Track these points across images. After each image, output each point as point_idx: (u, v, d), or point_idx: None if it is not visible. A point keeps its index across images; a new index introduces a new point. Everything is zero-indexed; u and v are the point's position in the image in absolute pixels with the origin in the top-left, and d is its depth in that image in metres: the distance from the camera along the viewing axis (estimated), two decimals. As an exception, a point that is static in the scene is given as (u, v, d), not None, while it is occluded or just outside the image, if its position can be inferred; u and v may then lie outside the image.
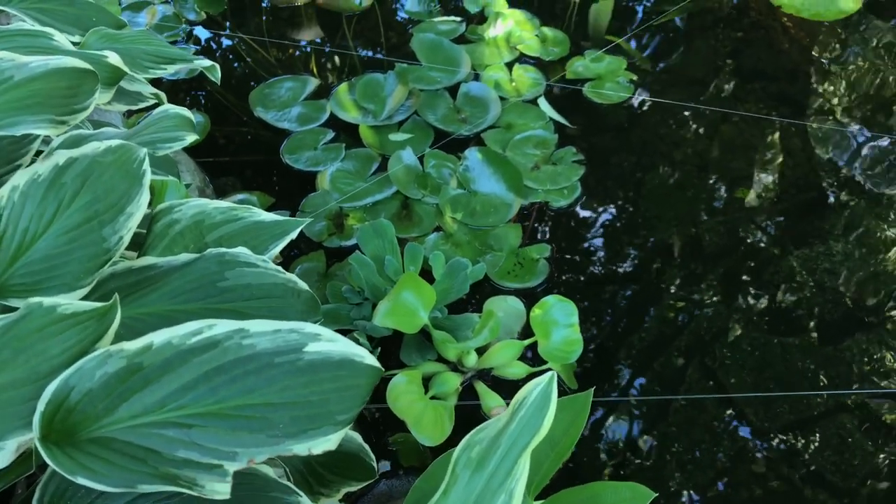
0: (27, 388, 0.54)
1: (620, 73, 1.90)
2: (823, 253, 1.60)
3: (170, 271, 0.75)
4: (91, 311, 0.57)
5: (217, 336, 0.56)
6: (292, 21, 2.08)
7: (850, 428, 1.36)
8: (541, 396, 0.52)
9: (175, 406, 0.54)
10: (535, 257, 1.54)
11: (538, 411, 0.51)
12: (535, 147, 1.73)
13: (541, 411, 0.51)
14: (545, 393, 0.52)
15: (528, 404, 0.52)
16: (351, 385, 0.57)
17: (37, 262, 0.67)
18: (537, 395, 0.52)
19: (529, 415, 0.51)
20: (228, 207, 0.85)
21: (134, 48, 1.07)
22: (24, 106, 0.68)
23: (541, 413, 0.50)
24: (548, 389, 0.53)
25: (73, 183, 0.69)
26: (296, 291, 0.79)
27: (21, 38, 0.89)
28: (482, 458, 0.51)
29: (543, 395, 0.52)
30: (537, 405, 0.51)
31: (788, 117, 1.86)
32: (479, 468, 0.51)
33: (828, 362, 1.44)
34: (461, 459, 0.52)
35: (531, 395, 0.53)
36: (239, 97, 1.86)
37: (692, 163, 1.78)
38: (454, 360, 1.35)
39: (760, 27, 2.11)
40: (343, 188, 1.63)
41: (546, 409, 0.51)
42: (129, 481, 0.50)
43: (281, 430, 0.54)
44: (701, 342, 1.46)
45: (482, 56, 1.93)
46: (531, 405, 0.52)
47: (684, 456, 1.33)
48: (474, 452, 0.52)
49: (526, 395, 0.54)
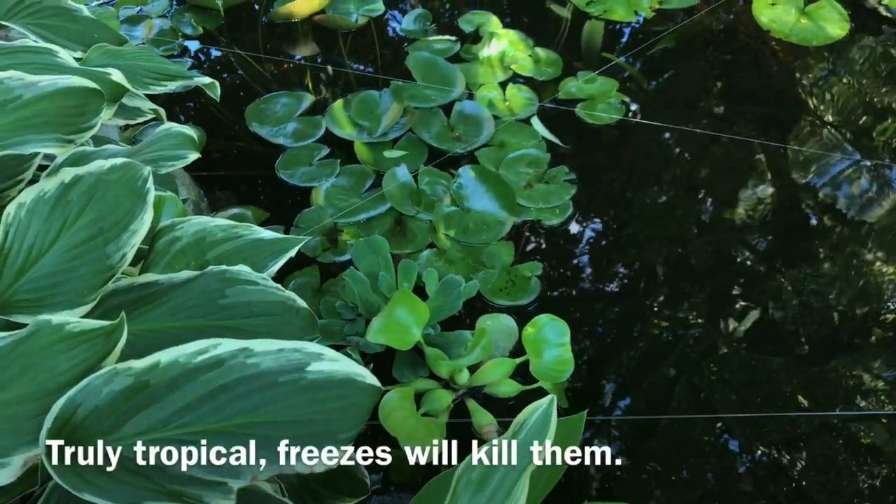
0: (34, 405, 0.55)
1: (612, 94, 1.93)
2: (810, 274, 1.62)
3: (171, 288, 0.76)
4: (98, 329, 0.58)
5: (222, 355, 0.57)
6: (288, 37, 2.10)
7: (836, 448, 1.38)
8: (541, 419, 0.53)
9: (181, 423, 0.55)
10: (528, 275, 1.56)
11: (538, 433, 0.52)
12: (527, 166, 1.75)
13: (540, 433, 0.52)
14: (545, 416, 0.53)
15: (529, 426, 0.53)
16: (353, 404, 0.58)
17: (41, 279, 0.68)
18: (537, 417, 0.53)
19: (530, 437, 0.52)
20: (229, 225, 0.86)
21: (135, 65, 1.09)
22: (33, 125, 0.69)
23: (540, 435, 0.52)
24: (548, 412, 0.54)
25: (78, 200, 0.70)
26: (294, 309, 0.80)
27: (26, 55, 0.90)
28: (483, 479, 0.52)
29: (544, 417, 0.53)
30: (537, 427, 0.52)
31: (776, 139, 1.89)
32: (480, 489, 0.52)
33: (813, 383, 1.46)
34: (462, 480, 0.53)
35: (532, 418, 0.54)
36: (234, 112, 1.87)
37: (681, 183, 1.80)
38: (446, 377, 1.36)
39: (750, 50, 2.14)
40: (337, 204, 1.65)
41: (546, 431, 0.52)
42: (135, 498, 0.51)
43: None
44: (689, 361, 1.48)
45: (476, 75, 1.95)
46: (531, 427, 0.53)
47: (671, 474, 1.34)
48: (475, 473, 0.53)
49: (526, 418, 0.55)
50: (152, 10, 2.10)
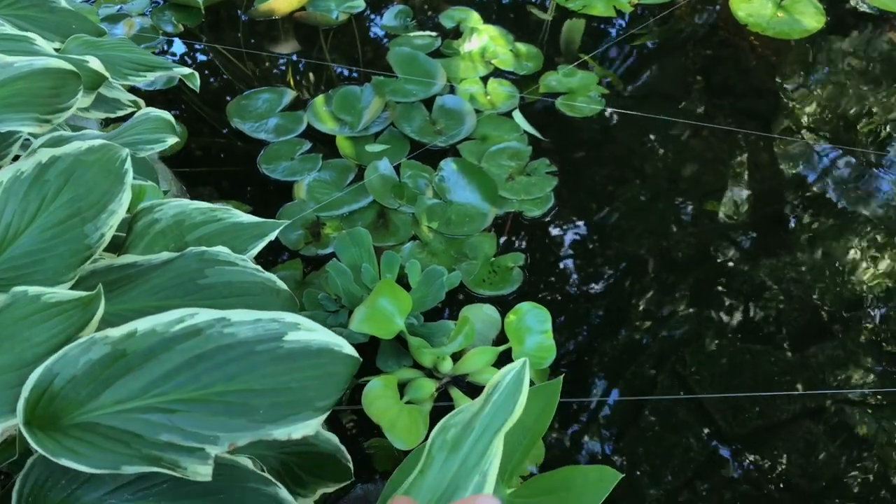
0: (11, 375, 0.55)
1: (592, 87, 1.94)
2: (790, 263, 1.64)
3: (150, 269, 0.76)
4: (76, 299, 0.58)
5: (199, 324, 0.57)
6: (269, 34, 2.10)
7: (816, 432, 1.40)
8: (514, 381, 0.53)
9: (158, 392, 0.55)
10: (510, 266, 1.57)
11: (511, 396, 0.52)
12: (509, 158, 1.76)
13: (513, 396, 0.52)
14: (518, 378, 0.54)
15: (502, 389, 0.54)
16: (330, 373, 0.59)
17: (19, 258, 0.68)
18: (510, 380, 0.54)
19: (503, 399, 0.53)
20: (208, 208, 0.86)
21: (114, 55, 1.09)
22: (9, 104, 0.69)
23: (513, 397, 0.52)
24: (520, 374, 0.54)
25: (56, 180, 0.71)
26: (274, 290, 0.81)
27: (2, 43, 0.90)
28: (457, 440, 0.53)
29: (516, 379, 0.53)
30: (510, 390, 0.53)
31: (756, 132, 1.91)
32: (454, 450, 0.52)
33: (794, 369, 1.47)
34: (436, 442, 0.54)
35: (504, 380, 0.55)
36: (216, 108, 1.87)
37: (663, 176, 1.82)
38: (430, 366, 1.37)
39: (728, 45, 2.17)
40: (320, 197, 1.65)
41: (518, 393, 0.52)
42: (113, 463, 0.51)
43: (262, 415, 0.55)
44: (672, 350, 1.49)
45: (457, 70, 1.97)
46: (504, 389, 0.53)
47: (654, 460, 1.35)
48: (449, 435, 0.54)
49: (499, 381, 0.55)
50: (132, 8, 2.10)
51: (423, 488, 0.49)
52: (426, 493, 0.49)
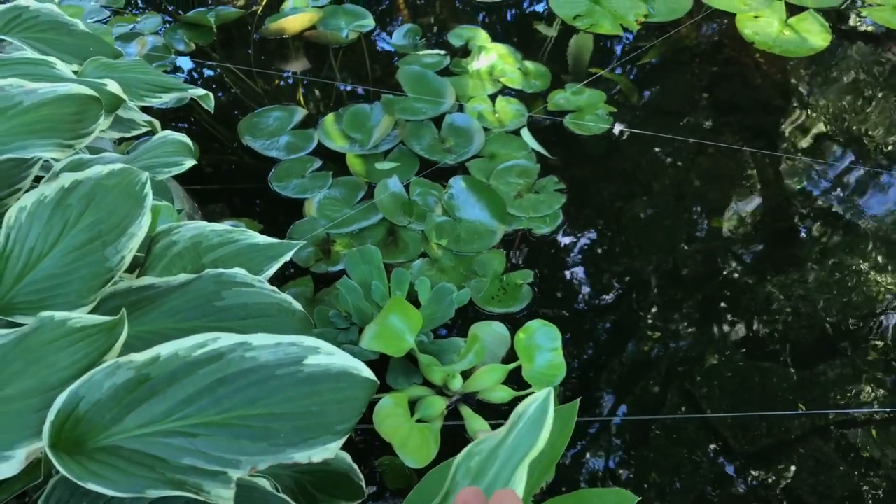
0: (37, 399, 0.56)
1: (600, 105, 1.96)
2: (798, 280, 1.65)
3: (169, 291, 0.77)
4: (100, 324, 0.59)
5: (221, 349, 0.58)
6: (280, 53, 2.13)
7: (826, 450, 1.39)
8: (538, 411, 0.54)
9: (181, 416, 0.56)
10: (519, 283, 1.58)
11: (535, 424, 0.53)
12: (518, 176, 1.77)
13: (538, 424, 0.53)
14: (543, 407, 0.55)
15: (526, 418, 0.55)
16: (349, 397, 0.59)
17: (42, 281, 0.69)
18: (535, 409, 0.55)
19: (527, 428, 0.54)
20: (225, 230, 0.88)
21: (130, 76, 1.10)
22: (34, 130, 0.70)
23: (538, 426, 0.53)
24: (545, 404, 0.55)
25: (77, 204, 0.72)
26: (290, 311, 0.82)
27: (24, 67, 0.91)
28: (481, 468, 0.53)
29: (541, 409, 0.54)
30: (535, 419, 0.53)
31: (763, 149, 1.92)
32: (479, 478, 0.53)
33: (803, 387, 1.48)
34: (461, 469, 0.54)
35: (529, 410, 0.55)
36: (227, 126, 1.89)
37: (670, 193, 1.83)
38: (440, 383, 1.37)
39: (735, 63, 2.18)
40: (330, 215, 1.66)
41: (543, 422, 0.53)
42: (138, 487, 0.52)
43: (282, 439, 0.56)
44: (680, 367, 1.50)
45: (466, 88, 1.98)
46: (529, 419, 0.54)
47: (664, 477, 1.35)
48: (473, 462, 0.55)
49: (524, 410, 0.56)
50: (145, 27, 2.12)
51: None
52: None
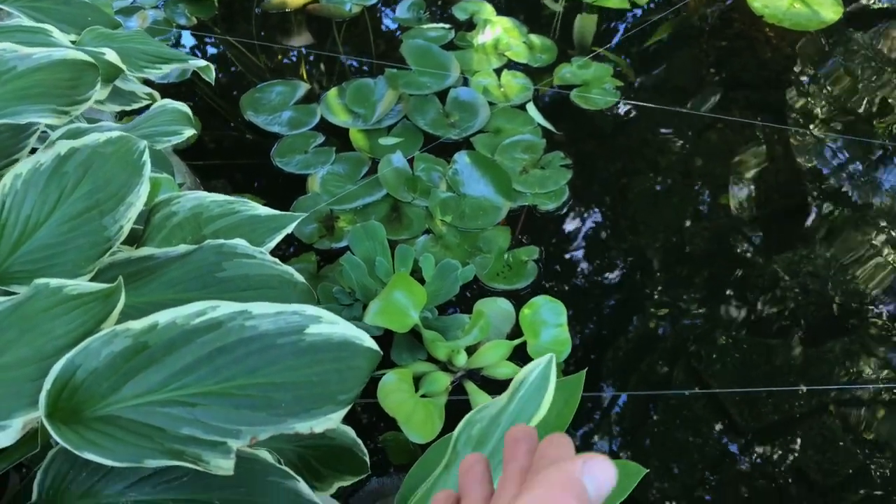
0: (33, 367, 0.55)
1: (607, 79, 1.93)
2: (806, 256, 1.63)
3: (168, 262, 0.75)
4: (96, 292, 0.58)
5: (220, 317, 0.57)
6: (282, 27, 2.10)
7: (833, 427, 1.38)
8: (540, 377, 0.53)
9: (179, 385, 0.55)
10: (524, 259, 1.56)
11: (537, 391, 0.52)
12: (523, 151, 1.75)
13: (539, 391, 0.52)
14: (544, 374, 0.53)
15: (528, 384, 0.54)
16: (351, 366, 0.58)
17: (38, 250, 0.68)
18: (536, 375, 0.53)
19: (529, 395, 0.52)
20: (225, 201, 0.86)
21: (129, 47, 1.08)
22: (28, 96, 0.69)
23: (540, 393, 0.52)
24: (547, 370, 0.54)
25: (74, 172, 0.70)
26: (292, 283, 0.80)
27: (20, 35, 0.90)
28: (483, 435, 0.52)
29: (542, 375, 0.53)
30: (536, 385, 0.52)
31: (772, 124, 1.89)
32: (480, 445, 0.52)
33: (811, 364, 1.46)
34: (462, 437, 0.53)
35: (530, 376, 0.54)
36: (229, 101, 1.87)
37: (677, 169, 1.80)
38: (444, 359, 1.36)
39: (743, 37, 2.15)
40: (333, 191, 1.65)
41: (545, 389, 0.52)
42: (135, 456, 0.51)
43: (283, 409, 0.55)
44: (686, 343, 1.48)
45: (471, 62, 1.96)
46: (530, 385, 0.53)
47: (670, 453, 1.34)
48: (475, 430, 0.53)
49: (526, 376, 0.55)
50: (146, 1, 2.10)
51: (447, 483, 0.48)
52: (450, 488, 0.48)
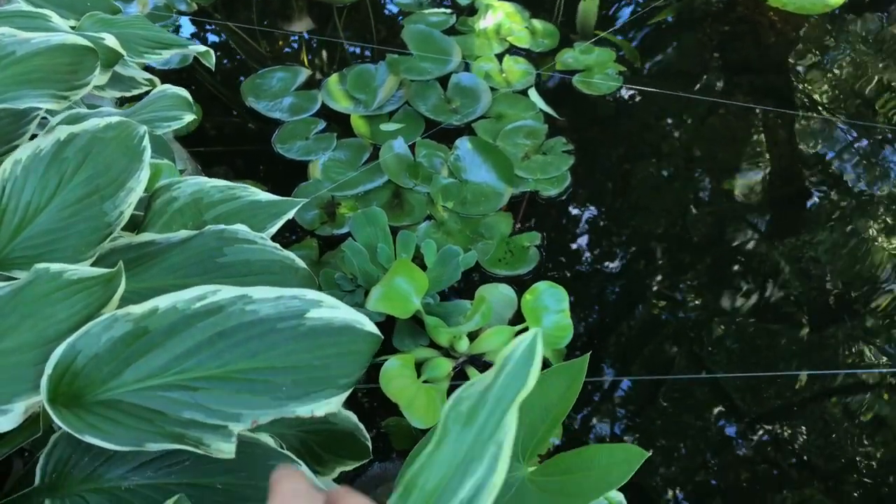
0: (34, 352, 0.55)
1: (610, 64, 1.92)
2: (809, 242, 1.62)
3: (169, 247, 0.75)
4: (97, 276, 0.58)
5: (221, 301, 0.57)
6: (283, 12, 2.09)
7: (835, 412, 1.38)
8: (526, 352, 0.52)
9: (180, 369, 0.55)
10: (526, 245, 1.56)
11: (523, 366, 0.51)
12: (525, 137, 1.74)
13: (526, 365, 0.51)
14: (530, 348, 0.52)
15: (514, 360, 0.53)
16: (352, 350, 0.58)
17: (39, 236, 0.68)
18: (522, 350, 0.53)
19: (515, 370, 0.51)
20: (226, 186, 0.86)
21: (129, 32, 1.08)
22: (27, 80, 0.68)
23: (526, 367, 0.51)
24: (532, 345, 0.53)
25: (74, 157, 0.70)
26: (293, 269, 0.80)
27: (19, 20, 0.89)
28: (471, 412, 0.52)
29: (528, 350, 0.52)
30: (523, 360, 0.51)
31: (775, 109, 1.88)
32: (469, 422, 0.51)
33: (813, 349, 1.46)
34: (451, 415, 0.53)
35: (516, 352, 0.53)
36: (230, 88, 1.86)
37: (680, 154, 1.80)
38: (446, 345, 1.37)
39: (747, 21, 2.13)
40: (335, 177, 1.64)
41: (531, 363, 0.51)
42: (137, 440, 0.51)
43: (284, 392, 0.55)
44: (688, 329, 1.48)
45: (472, 47, 1.94)
46: (517, 360, 0.52)
47: (672, 440, 1.35)
48: (463, 407, 0.53)
49: (511, 352, 0.54)
50: (146, -14, 2.09)
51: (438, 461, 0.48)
52: (442, 465, 0.48)
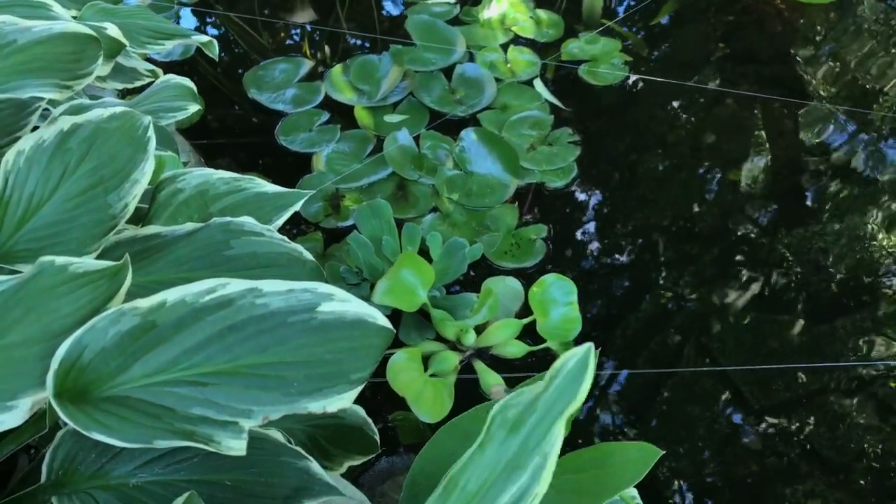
0: (40, 347, 0.53)
1: (615, 54, 1.90)
2: (817, 233, 1.61)
3: (175, 240, 0.74)
4: (103, 269, 0.57)
5: (231, 294, 0.56)
6: (285, 3, 2.07)
7: (845, 404, 1.37)
8: (578, 365, 0.53)
9: (189, 364, 0.54)
10: (532, 237, 1.54)
11: (575, 380, 0.52)
12: (530, 128, 1.73)
13: (577, 380, 0.52)
14: (582, 361, 0.53)
15: (565, 373, 0.53)
16: (364, 345, 0.57)
17: (42, 228, 0.66)
18: (574, 363, 0.53)
19: (566, 383, 0.52)
20: (232, 178, 0.84)
21: (131, 22, 1.06)
22: (29, 69, 0.67)
23: (577, 381, 0.51)
24: (585, 358, 0.54)
25: (78, 148, 0.69)
26: (301, 261, 0.79)
27: (20, 8, 0.88)
28: (518, 420, 0.52)
29: (581, 363, 0.53)
30: (574, 374, 0.52)
31: (781, 100, 1.87)
32: (515, 430, 0.52)
33: (821, 341, 1.45)
34: (497, 420, 0.53)
35: (568, 364, 0.54)
36: (232, 79, 1.85)
37: (686, 144, 1.78)
38: (453, 338, 1.35)
39: (753, 10, 2.11)
40: (339, 169, 1.63)
41: (583, 377, 0.52)
42: (145, 437, 0.50)
43: (296, 388, 0.54)
44: (695, 321, 1.47)
45: (477, 37, 1.93)
46: (568, 374, 0.53)
47: (680, 431, 1.33)
48: (510, 414, 0.53)
49: (563, 364, 0.55)
50: (146, -23, 2.07)
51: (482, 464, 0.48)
52: (484, 469, 0.48)
